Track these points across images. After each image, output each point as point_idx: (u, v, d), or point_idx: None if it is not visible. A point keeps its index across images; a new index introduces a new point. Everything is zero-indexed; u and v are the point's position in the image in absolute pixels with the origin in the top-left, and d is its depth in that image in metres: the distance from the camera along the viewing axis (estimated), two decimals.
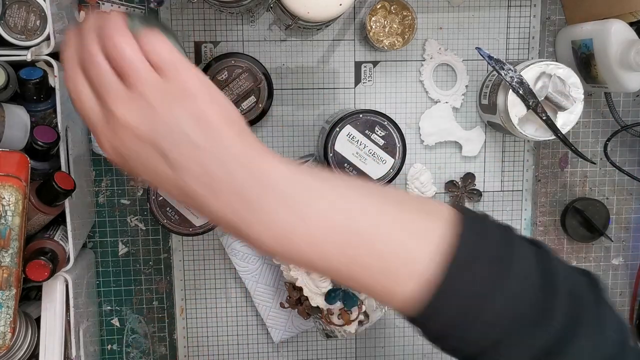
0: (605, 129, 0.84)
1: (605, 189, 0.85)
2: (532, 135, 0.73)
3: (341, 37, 0.79)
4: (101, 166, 0.79)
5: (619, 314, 0.44)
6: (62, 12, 0.69)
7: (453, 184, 0.83)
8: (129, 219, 0.80)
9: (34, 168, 0.64)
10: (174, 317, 0.83)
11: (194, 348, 0.83)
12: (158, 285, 0.82)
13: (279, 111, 0.80)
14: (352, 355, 0.86)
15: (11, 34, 0.66)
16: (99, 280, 0.81)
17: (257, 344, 0.84)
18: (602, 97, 0.82)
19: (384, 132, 0.70)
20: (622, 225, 0.86)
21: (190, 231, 0.68)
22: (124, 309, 0.82)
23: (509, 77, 0.71)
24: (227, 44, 0.78)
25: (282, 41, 0.79)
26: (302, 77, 0.80)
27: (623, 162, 0.85)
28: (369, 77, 0.80)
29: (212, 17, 0.77)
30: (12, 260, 0.59)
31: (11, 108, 0.64)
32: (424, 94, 0.81)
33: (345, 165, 0.70)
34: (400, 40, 0.77)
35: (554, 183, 0.85)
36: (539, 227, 0.85)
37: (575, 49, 0.77)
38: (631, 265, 0.87)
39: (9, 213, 0.58)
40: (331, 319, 0.71)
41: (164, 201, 0.67)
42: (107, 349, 0.82)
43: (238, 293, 0.83)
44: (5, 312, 0.59)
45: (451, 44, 0.81)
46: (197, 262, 0.82)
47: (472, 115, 0.82)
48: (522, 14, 0.81)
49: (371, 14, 0.76)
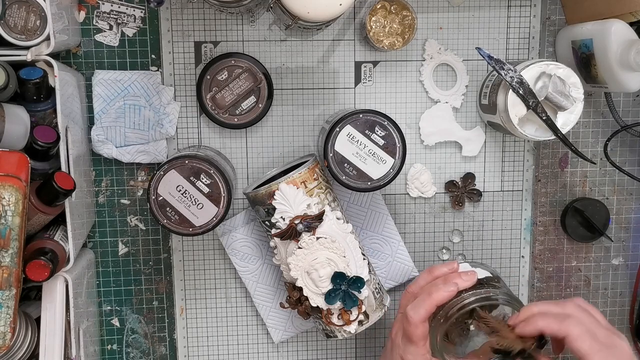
0: (605, 129, 0.84)
1: (605, 189, 0.85)
2: (532, 135, 0.73)
3: (341, 37, 0.79)
4: (101, 166, 0.79)
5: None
6: (62, 12, 0.69)
7: (453, 184, 0.83)
8: (129, 219, 0.80)
9: (34, 168, 0.64)
10: (174, 317, 0.83)
11: (194, 348, 0.83)
12: (158, 285, 0.82)
13: (279, 111, 0.80)
14: (352, 355, 0.86)
15: (11, 34, 0.66)
16: (99, 280, 0.81)
17: (257, 344, 0.84)
18: (602, 97, 0.82)
19: (384, 132, 0.70)
20: (622, 225, 0.86)
21: (190, 231, 0.68)
22: (124, 309, 0.82)
23: (509, 77, 0.71)
24: (227, 44, 0.78)
25: (282, 41, 0.79)
26: (302, 77, 0.80)
27: (623, 162, 0.85)
28: (369, 77, 0.80)
29: (212, 17, 0.77)
30: (12, 260, 0.59)
31: (11, 108, 0.64)
32: (424, 94, 0.81)
33: (345, 165, 0.70)
34: (400, 40, 0.77)
35: (554, 183, 0.85)
36: (539, 227, 0.85)
37: (575, 49, 0.77)
38: (631, 265, 0.87)
39: (9, 213, 0.58)
40: (331, 319, 0.71)
41: (164, 201, 0.67)
42: (107, 349, 0.82)
43: (238, 293, 0.83)
44: (5, 312, 0.59)
45: (451, 44, 0.81)
46: (197, 262, 0.82)
47: (472, 115, 0.82)
48: (522, 14, 0.81)
49: (371, 14, 0.76)
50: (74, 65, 0.76)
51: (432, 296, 0.64)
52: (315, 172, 0.71)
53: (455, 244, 0.85)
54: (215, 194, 0.67)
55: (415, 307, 0.64)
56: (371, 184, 0.70)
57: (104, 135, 0.76)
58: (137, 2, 0.76)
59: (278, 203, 0.69)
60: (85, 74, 0.77)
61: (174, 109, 0.78)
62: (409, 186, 0.82)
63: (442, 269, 0.69)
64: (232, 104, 0.76)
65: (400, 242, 0.82)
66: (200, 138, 0.79)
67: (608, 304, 0.88)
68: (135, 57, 0.77)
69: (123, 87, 0.76)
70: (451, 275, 0.67)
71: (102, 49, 0.76)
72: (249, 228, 0.80)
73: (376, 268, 0.82)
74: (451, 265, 0.69)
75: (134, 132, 0.77)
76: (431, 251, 0.85)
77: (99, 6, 0.76)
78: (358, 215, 0.81)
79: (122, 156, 0.77)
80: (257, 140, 0.80)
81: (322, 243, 0.69)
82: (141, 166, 0.79)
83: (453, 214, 0.84)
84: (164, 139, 0.77)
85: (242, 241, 0.80)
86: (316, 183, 0.71)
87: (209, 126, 0.79)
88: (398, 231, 0.82)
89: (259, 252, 0.81)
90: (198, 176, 0.67)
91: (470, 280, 0.66)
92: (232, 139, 0.80)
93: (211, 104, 0.76)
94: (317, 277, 0.69)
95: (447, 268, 0.69)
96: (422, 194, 0.82)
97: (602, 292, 0.88)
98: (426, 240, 0.84)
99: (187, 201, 0.67)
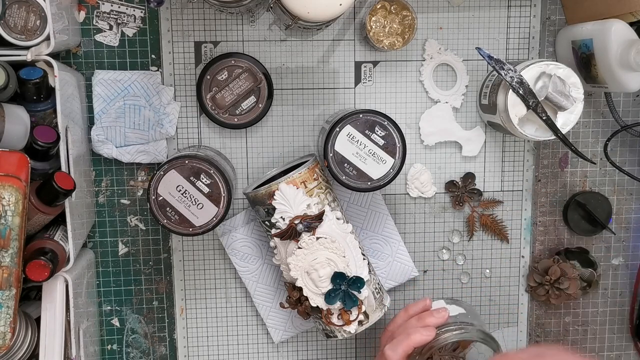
0: (605, 129, 0.84)
1: (605, 189, 0.85)
2: (532, 135, 0.73)
3: (341, 37, 0.79)
4: (101, 166, 0.79)
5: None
6: (62, 12, 0.69)
7: (453, 184, 0.83)
8: (129, 219, 0.80)
9: (34, 168, 0.64)
10: (174, 317, 0.83)
11: (194, 348, 0.83)
12: (158, 285, 0.82)
13: (279, 111, 0.80)
14: (352, 355, 0.86)
15: (11, 34, 0.66)
16: (99, 280, 0.81)
17: (257, 344, 0.84)
18: (602, 97, 0.82)
19: (384, 132, 0.70)
20: (622, 225, 0.86)
21: (190, 231, 0.68)
22: (124, 309, 0.82)
23: (509, 77, 0.71)
24: (227, 44, 0.78)
25: (282, 41, 0.79)
26: (302, 77, 0.80)
27: (623, 162, 0.85)
28: (369, 77, 0.80)
29: (212, 17, 0.77)
30: (12, 260, 0.59)
31: (11, 108, 0.64)
32: (424, 94, 0.81)
33: (345, 165, 0.70)
34: (400, 40, 0.77)
35: (554, 183, 0.85)
36: (539, 227, 0.85)
37: (575, 49, 0.77)
38: (631, 265, 0.87)
39: (9, 213, 0.58)
40: (331, 319, 0.71)
41: (164, 201, 0.67)
42: (107, 349, 0.82)
43: (238, 293, 0.83)
44: (5, 312, 0.59)
45: (451, 44, 0.81)
46: (197, 262, 0.82)
47: (472, 115, 0.82)
48: (522, 14, 0.81)
49: (371, 14, 0.76)
50: (74, 65, 0.76)
51: (410, 337, 0.67)
52: (315, 172, 0.71)
53: (455, 244, 0.85)
54: (215, 194, 0.67)
55: (394, 348, 0.68)
56: (371, 184, 0.70)
57: (104, 135, 0.76)
58: (137, 2, 0.76)
59: (278, 203, 0.69)
60: (85, 74, 0.77)
61: (174, 109, 0.78)
62: (409, 186, 0.82)
63: (416, 307, 0.73)
64: (232, 104, 0.76)
65: (400, 242, 0.82)
66: (200, 138, 0.79)
67: (608, 304, 0.88)
68: (135, 57, 0.77)
69: (123, 87, 0.76)
70: (424, 313, 0.71)
71: (102, 49, 0.77)
72: (249, 228, 0.80)
73: (376, 268, 0.82)
74: (424, 302, 0.73)
75: (134, 132, 0.77)
76: (431, 251, 0.85)
77: (99, 6, 0.76)
78: (358, 215, 0.81)
79: (122, 156, 0.77)
80: (257, 140, 0.80)
81: (322, 243, 0.69)
82: (141, 166, 0.79)
83: (453, 214, 0.84)
84: (164, 139, 0.77)
85: (242, 241, 0.80)
86: (316, 183, 0.71)
87: (209, 126, 0.79)
88: (398, 231, 0.82)
89: (259, 252, 0.81)
90: (198, 176, 0.67)
91: (442, 318, 0.70)
92: (232, 139, 0.80)
93: (211, 104, 0.76)
94: (317, 277, 0.69)
95: (420, 306, 0.73)
96: (422, 194, 0.82)
97: (602, 292, 0.88)
98: (426, 240, 0.84)
99: (187, 201, 0.67)
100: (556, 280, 0.81)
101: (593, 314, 0.88)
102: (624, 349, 0.89)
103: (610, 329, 0.88)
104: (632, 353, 0.89)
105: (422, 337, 0.68)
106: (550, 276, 0.81)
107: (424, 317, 0.70)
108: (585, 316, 0.88)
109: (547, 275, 0.82)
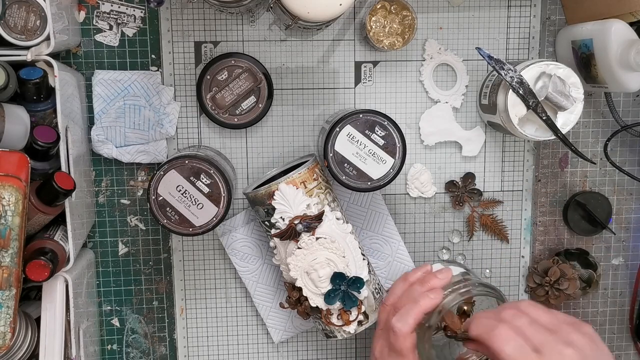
0: (605, 129, 0.84)
1: (605, 189, 0.85)
2: (532, 135, 0.73)
3: (341, 37, 0.79)
4: (101, 166, 0.79)
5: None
6: (62, 12, 0.69)
7: (453, 184, 0.83)
8: (129, 219, 0.80)
9: (34, 168, 0.64)
10: (174, 317, 0.83)
11: (194, 348, 0.83)
12: (158, 285, 0.82)
13: (279, 111, 0.80)
14: (352, 355, 0.86)
15: (11, 34, 0.66)
16: (99, 280, 0.81)
17: (257, 344, 0.84)
18: (602, 97, 0.82)
19: (384, 132, 0.70)
20: (622, 225, 0.86)
21: (190, 231, 0.68)
22: (124, 309, 0.82)
23: (509, 77, 0.71)
24: (227, 44, 0.78)
25: (282, 41, 0.79)
26: (302, 77, 0.80)
27: (623, 162, 0.85)
28: (369, 77, 0.80)
29: (212, 17, 0.77)
30: (12, 260, 0.59)
31: (11, 108, 0.64)
32: (424, 94, 0.81)
33: (345, 165, 0.70)
34: (400, 40, 0.77)
35: (554, 183, 0.85)
36: (539, 227, 0.85)
37: (575, 49, 0.77)
38: (631, 265, 0.87)
39: (9, 213, 0.58)
40: (330, 319, 0.71)
41: (164, 201, 0.67)
42: (107, 349, 0.82)
43: (238, 293, 0.83)
44: (5, 312, 0.59)
45: (451, 44, 0.81)
46: (197, 262, 0.82)
47: (472, 115, 0.82)
48: (522, 14, 0.81)
49: (371, 14, 0.76)
50: (74, 65, 0.76)
51: (419, 304, 0.62)
52: (315, 172, 0.71)
53: (455, 244, 0.85)
54: (215, 194, 0.67)
55: (403, 318, 0.61)
56: (371, 184, 0.70)
57: (104, 135, 0.76)
58: (137, 2, 0.76)
59: (278, 203, 0.69)
60: (85, 74, 0.77)
61: (174, 109, 0.78)
62: (409, 186, 0.82)
63: (416, 274, 0.68)
64: (232, 104, 0.76)
65: (400, 242, 0.82)
66: (200, 138, 0.79)
67: (608, 304, 0.88)
68: (135, 57, 0.77)
69: (123, 87, 0.76)
70: (427, 276, 0.67)
71: (102, 49, 0.77)
72: (249, 228, 0.80)
73: (376, 268, 0.82)
74: (424, 267, 0.69)
75: (134, 132, 0.77)
76: (431, 251, 0.85)
77: (99, 6, 0.76)
78: (358, 215, 0.81)
79: (122, 156, 0.77)
80: (257, 140, 0.80)
81: (322, 243, 0.69)
82: (141, 166, 0.79)
83: (453, 214, 0.84)
84: (164, 139, 0.77)
85: (242, 241, 0.80)
86: (316, 183, 0.71)
87: (209, 126, 0.79)
88: (398, 231, 0.82)
89: (259, 252, 0.81)
90: (198, 176, 0.67)
91: (446, 277, 0.66)
92: (232, 139, 0.80)
93: (211, 104, 0.76)
94: (316, 278, 0.69)
95: (421, 271, 0.68)
96: (422, 194, 0.82)
97: (602, 292, 0.88)
98: (426, 240, 0.84)
99: (187, 201, 0.67)
100: (556, 281, 0.81)
101: (593, 314, 0.88)
102: (624, 349, 0.89)
103: (610, 329, 0.88)
104: (632, 353, 0.89)
105: (431, 301, 0.62)
106: (550, 277, 0.81)
107: (427, 281, 0.65)
108: (585, 316, 0.88)
109: (546, 277, 0.82)
